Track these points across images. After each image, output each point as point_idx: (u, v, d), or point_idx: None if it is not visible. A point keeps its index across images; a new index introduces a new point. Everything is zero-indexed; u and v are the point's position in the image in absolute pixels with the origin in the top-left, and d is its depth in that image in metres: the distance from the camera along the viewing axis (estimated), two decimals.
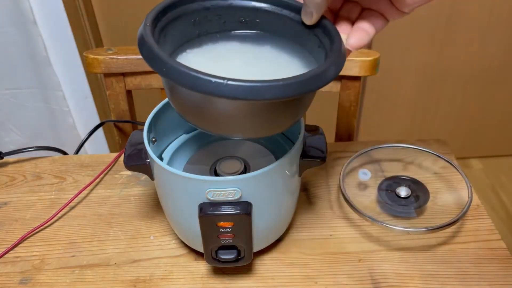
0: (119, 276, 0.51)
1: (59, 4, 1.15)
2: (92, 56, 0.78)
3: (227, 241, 0.45)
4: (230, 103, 0.36)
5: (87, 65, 0.79)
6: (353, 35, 0.40)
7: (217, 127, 0.40)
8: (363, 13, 0.42)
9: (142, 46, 0.37)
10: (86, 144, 0.75)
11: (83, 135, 1.10)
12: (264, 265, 0.52)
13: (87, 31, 1.26)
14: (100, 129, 1.40)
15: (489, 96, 1.49)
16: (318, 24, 0.41)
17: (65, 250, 0.55)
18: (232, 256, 0.47)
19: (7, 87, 1.29)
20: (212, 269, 0.52)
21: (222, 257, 0.47)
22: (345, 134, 0.85)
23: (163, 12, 0.40)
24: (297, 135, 0.46)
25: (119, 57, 0.78)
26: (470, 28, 1.32)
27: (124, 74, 0.80)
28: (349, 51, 0.40)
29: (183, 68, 0.33)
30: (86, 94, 1.33)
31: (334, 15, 0.43)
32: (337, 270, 0.51)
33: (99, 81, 1.36)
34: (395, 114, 1.52)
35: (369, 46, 1.36)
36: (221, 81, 0.33)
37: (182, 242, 0.54)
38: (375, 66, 0.76)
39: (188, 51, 0.44)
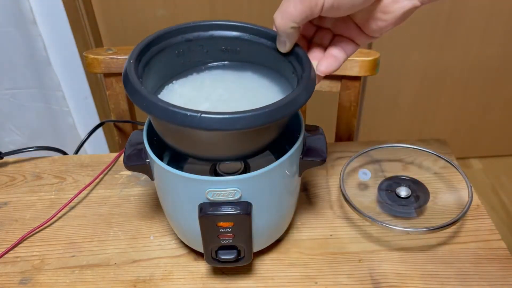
0: (119, 276, 0.51)
1: (59, 4, 1.15)
2: (92, 56, 0.78)
3: (227, 241, 0.45)
4: (205, 132, 0.38)
5: (87, 65, 0.79)
6: (323, 62, 0.43)
7: (196, 151, 0.43)
8: (335, 39, 0.44)
9: (126, 82, 0.40)
10: (86, 144, 0.75)
11: (83, 135, 1.10)
12: (264, 265, 0.52)
13: (87, 31, 1.26)
14: (100, 129, 1.40)
15: (489, 96, 1.49)
16: (292, 52, 0.44)
17: (65, 250, 0.55)
18: (232, 256, 0.47)
19: (7, 87, 1.29)
20: (212, 269, 0.52)
21: (222, 257, 0.47)
22: (345, 134, 0.85)
23: (147, 47, 0.43)
24: (297, 135, 0.46)
25: (119, 57, 0.78)
26: (470, 28, 1.32)
27: None
28: (320, 77, 0.43)
29: (162, 104, 0.36)
30: (86, 94, 1.33)
31: (308, 41, 0.46)
32: (337, 270, 0.51)
33: (99, 81, 1.36)
34: (395, 114, 1.52)
35: (369, 46, 1.36)
36: (196, 114, 0.36)
37: (182, 242, 0.54)
38: (375, 66, 0.76)
39: (174, 82, 0.48)
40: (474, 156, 1.68)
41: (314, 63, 0.43)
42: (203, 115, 0.36)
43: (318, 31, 0.45)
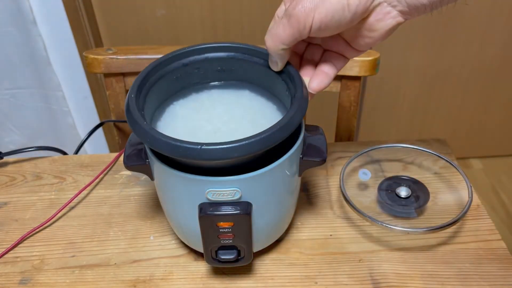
0: (119, 276, 0.51)
1: (59, 4, 1.15)
2: (92, 56, 0.78)
3: (227, 241, 0.45)
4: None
5: (87, 65, 0.79)
6: (314, 80, 0.45)
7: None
8: (325, 55, 0.46)
9: (129, 118, 0.42)
10: (86, 144, 0.75)
11: (83, 135, 1.10)
12: (264, 265, 0.52)
13: (87, 31, 1.26)
14: (100, 129, 1.40)
15: (489, 96, 1.49)
16: (284, 71, 0.46)
17: (65, 250, 0.55)
18: (232, 256, 0.47)
19: (7, 87, 1.29)
20: (212, 269, 0.52)
21: (222, 257, 0.47)
22: (345, 134, 0.85)
23: (145, 78, 0.46)
24: (297, 135, 0.46)
25: (119, 57, 0.78)
26: (470, 28, 1.32)
27: (124, 74, 0.80)
28: (312, 94, 0.45)
29: (164, 139, 0.39)
30: (86, 94, 1.33)
31: (299, 57, 0.48)
32: (337, 270, 0.51)
33: (99, 81, 1.36)
34: (395, 114, 1.52)
35: None
36: (197, 147, 0.38)
37: (182, 242, 0.54)
38: (375, 66, 0.76)
39: (174, 103, 0.50)
40: (474, 156, 1.68)
41: (306, 79, 0.45)
42: (203, 147, 0.38)
43: (308, 46, 0.47)
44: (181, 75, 0.50)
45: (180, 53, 0.48)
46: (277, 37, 0.40)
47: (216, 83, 0.52)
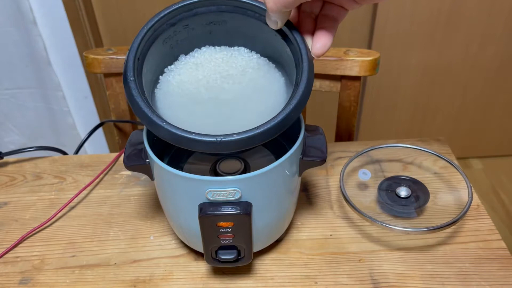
0: (119, 276, 0.51)
1: (59, 4, 1.15)
2: (92, 56, 0.78)
3: (227, 241, 0.45)
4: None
5: (87, 65, 0.79)
6: (316, 41, 0.42)
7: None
8: (324, 7, 0.43)
9: (138, 112, 0.40)
10: (86, 144, 0.75)
11: (83, 135, 1.10)
12: (264, 265, 0.52)
13: (87, 31, 1.26)
14: (100, 129, 1.40)
15: (489, 96, 1.49)
16: (283, 29, 0.42)
17: (65, 250, 0.55)
18: (232, 256, 0.47)
19: (7, 87, 1.29)
20: (212, 269, 0.52)
21: (222, 257, 0.47)
22: (345, 134, 0.85)
23: (138, 50, 0.43)
24: (297, 135, 0.46)
25: (119, 57, 0.78)
26: (470, 28, 1.32)
27: None
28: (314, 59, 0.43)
29: (179, 132, 0.38)
30: (86, 94, 1.34)
31: (297, 10, 0.44)
32: (337, 270, 0.51)
33: (99, 81, 1.36)
34: (395, 114, 1.52)
35: (369, 46, 1.36)
36: (215, 139, 0.38)
37: (182, 242, 0.54)
38: (375, 66, 0.76)
39: (169, 68, 0.47)
40: (474, 156, 1.68)
41: (307, 39, 0.42)
42: (222, 139, 0.38)
43: None
44: (170, 35, 0.46)
45: (167, 12, 0.44)
46: (280, 0, 0.38)
47: (207, 40, 0.47)
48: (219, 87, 0.45)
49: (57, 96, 1.29)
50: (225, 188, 0.42)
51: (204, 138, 0.38)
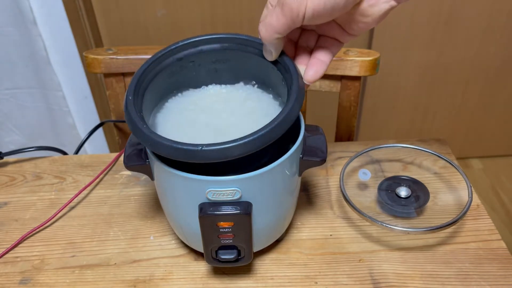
0: (119, 276, 0.51)
1: (59, 4, 1.15)
2: (92, 56, 0.78)
3: (227, 241, 0.45)
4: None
5: (87, 65, 0.79)
6: (309, 69, 0.44)
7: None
8: (320, 40, 0.46)
9: (130, 122, 0.42)
10: (86, 144, 0.75)
11: (83, 135, 1.10)
12: (264, 265, 0.52)
13: (87, 31, 1.26)
14: (100, 129, 1.40)
15: (489, 96, 1.49)
16: (279, 61, 0.45)
17: (65, 250, 0.55)
18: (232, 256, 0.47)
19: (7, 87, 1.29)
20: (212, 269, 0.52)
21: (222, 257, 0.47)
22: (345, 134, 0.85)
23: (141, 77, 0.46)
24: (297, 135, 0.46)
25: (119, 57, 0.78)
26: (470, 28, 1.32)
27: (124, 74, 0.80)
28: (307, 85, 0.44)
29: (165, 142, 0.39)
30: (86, 94, 1.34)
31: (294, 45, 0.47)
32: (337, 270, 0.51)
33: (99, 81, 1.36)
34: (395, 114, 1.52)
35: (369, 46, 1.36)
36: (196, 148, 0.38)
37: (182, 242, 0.54)
38: (375, 66, 0.76)
39: (172, 98, 0.50)
40: (474, 156, 1.68)
41: (301, 68, 0.45)
42: (204, 148, 0.38)
43: (303, 33, 0.47)
44: (176, 69, 0.49)
45: (174, 47, 0.48)
46: (271, 27, 0.40)
47: (211, 76, 0.51)
48: (218, 115, 0.47)
49: (57, 96, 1.29)
50: (225, 188, 0.42)
51: (186, 147, 0.38)
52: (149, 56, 0.48)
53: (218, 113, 0.48)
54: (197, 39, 0.48)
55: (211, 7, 1.27)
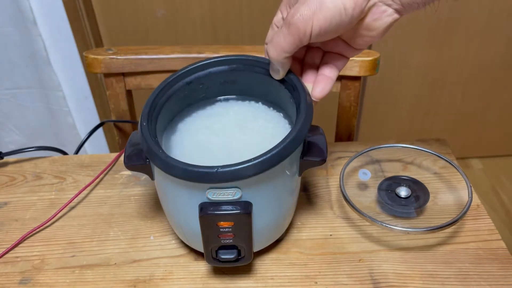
0: (119, 276, 0.51)
1: (59, 4, 1.15)
2: (92, 56, 0.78)
3: (227, 241, 0.45)
4: None
5: (87, 65, 0.79)
6: (317, 86, 0.45)
7: None
8: (325, 56, 0.47)
9: (146, 148, 0.43)
10: (86, 144, 0.75)
11: (83, 135, 1.10)
12: (264, 265, 0.52)
13: (87, 31, 1.26)
14: (100, 129, 1.40)
15: (489, 96, 1.49)
16: (286, 79, 0.46)
17: (65, 250, 0.55)
18: (232, 256, 0.47)
19: (7, 87, 1.29)
20: (212, 269, 0.52)
21: (222, 257, 0.47)
22: (345, 134, 0.85)
23: (153, 103, 0.47)
24: None
25: (119, 57, 0.78)
26: (470, 28, 1.32)
27: (124, 74, 0.80)
28: (316, 101, 0.45)
29: (181, 165, 0.40)
30: (86, 94, 1.34)
31: (300, 63, 0.48)
32: (337, 270, 0.51)
33: (99, 81, 1.36)
34: (395, 114, 1.52)
35: (369, 46, 1.36)
36: (212, 171, 0.39)
37: (182, 242, 0.54)
38: (375, 66, 0.76)
39: (184, 120, 0.52)
40: (474, 156, 1.68)
41: (309, 85, 0.46)
42: (219, 170, 0.39)
43: (308, 50, 0.48)
44: (187, 92, 0.51)
45: (183, 72, 0.50)
46: (279, 46, 0.41)
47: (221, 96, 0.53)
48: (229, 135, 0.49)
49: (57, 96, 1.29)
50: (225, 187, 0.42)
51: (202, 170, 0.39)
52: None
53: (228, 133, 0.49)
54: (205, 62, 0.50)
55: (211, 7, 1.27)
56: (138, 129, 0.45)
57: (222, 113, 0.52)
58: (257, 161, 0.39)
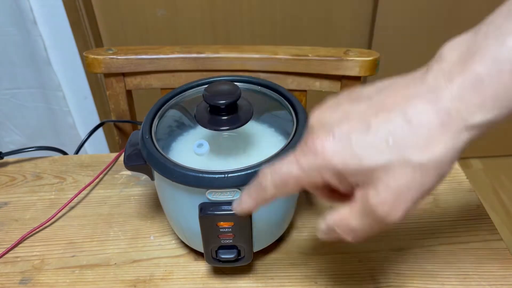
0: (119, 276, 0.51)
1: (59, 4, 1.15)
2: (92, 56, 0.78)
3: (227, 241, 0.45)
4: None
5: (87, 65, 0.79)
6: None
7: None
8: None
9: (150, 158, 0.43)
10: (86, 144, 0.75)
11: (83, 135, 1.10)
12: (264, 265, 0.52)
13: (87, 31, 1.26)
14: (100, 129, 1.39)
15: None
16: (285, 100, 0.50)
17: (65, 250, 0.55)
18: (232, 256, 0.47)
19: (7, 87, 1.29)
20: (212, 269, 0.52)
21: (222, 257, 0.47)
22: None
23: (154, 117, 0.48)
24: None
25: (119, 57, 0.78)
26: (470, 28, 1.32)
27: (124, 74, 0.80)
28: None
29: (190, 172, 0.41)
30: (86, 94, 1.34)
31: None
32: (337, 270, 0.51)
33: (99, 81, 1.36)
34: None
35: (369, 46, 1.36)
36: (222, 176, 0.40)
37: (182, 242, 0.54)
38: (375, 66, 0.76)
39: (183, 134, 0.50)
40: (474, 156, 1.68)
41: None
42: (228, 175, 0.40)
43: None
44: (183, 108, 0.52)
45: (181, 90, 0.51)
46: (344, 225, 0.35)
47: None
48: (231, 147, 0.49)
49: (57, 96, 1.29)
50: (225, 188, 0.42)
51: (212, 175, 0.40)
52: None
53: (229, 151, 0.49)
54: (202, 81, 0.52)
55: (211, 7, 1.27)
56: (140, 143, 0.46)
57: (220, 133, 0.50)
58: (263, 165, 0.39)
